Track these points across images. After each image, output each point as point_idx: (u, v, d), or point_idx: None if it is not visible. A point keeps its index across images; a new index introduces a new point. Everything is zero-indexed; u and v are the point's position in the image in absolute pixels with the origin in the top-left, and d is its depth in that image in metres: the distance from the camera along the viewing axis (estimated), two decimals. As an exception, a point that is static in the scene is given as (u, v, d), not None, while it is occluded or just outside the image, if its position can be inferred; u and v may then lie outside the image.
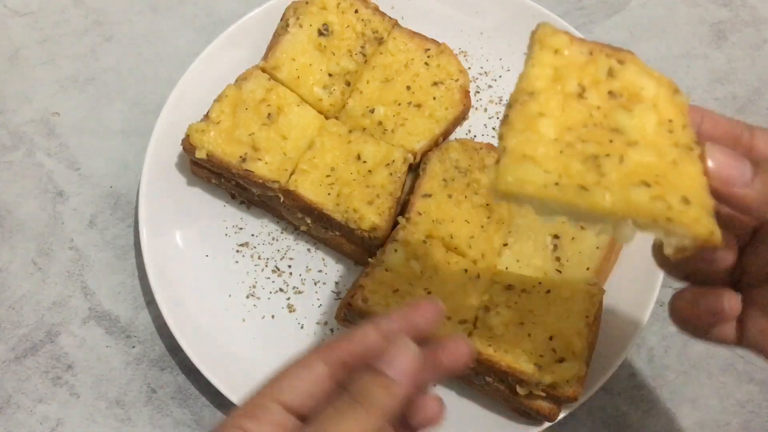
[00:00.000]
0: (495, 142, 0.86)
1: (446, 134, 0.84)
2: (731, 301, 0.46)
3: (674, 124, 0.45)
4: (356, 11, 0.85)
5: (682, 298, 0.49)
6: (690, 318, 0.49)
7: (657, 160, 0.43)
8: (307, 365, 0.45)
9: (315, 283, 0.80)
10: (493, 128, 0.87)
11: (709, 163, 0.43)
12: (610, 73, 0.47)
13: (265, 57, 0.83)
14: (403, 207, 0.79)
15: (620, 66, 0.49)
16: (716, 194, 0.43)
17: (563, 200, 0.41)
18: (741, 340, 0.49)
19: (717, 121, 0.47)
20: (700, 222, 0.41)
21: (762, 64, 0.95)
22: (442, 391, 0.74)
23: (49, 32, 0.96)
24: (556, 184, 0.41)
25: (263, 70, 0.82)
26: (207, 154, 0.77)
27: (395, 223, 0.76)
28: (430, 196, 0.77)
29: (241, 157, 0.77)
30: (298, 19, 0.84)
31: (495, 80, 0.89)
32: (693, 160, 0.43)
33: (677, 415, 0.77)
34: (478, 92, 0.89)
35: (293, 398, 0.44)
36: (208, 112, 0.79)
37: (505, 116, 0.44)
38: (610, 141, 0.43)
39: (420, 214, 0.76)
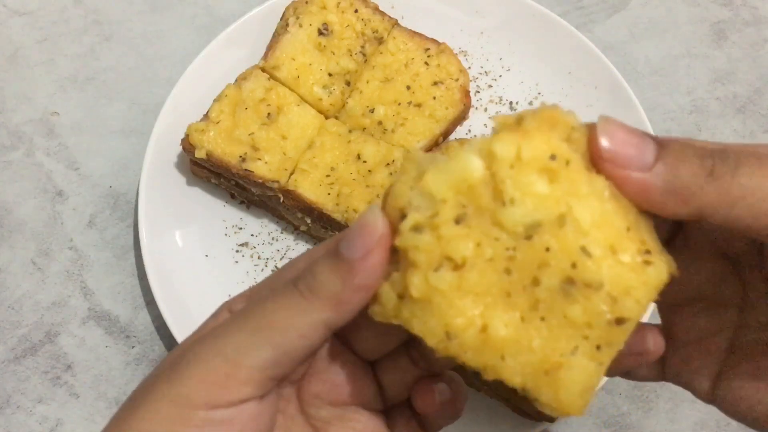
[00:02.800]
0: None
1: (446, 134, 0.84)
2: (656, 340, 0.40)
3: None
4: (356, 11, 0.85)
5: None
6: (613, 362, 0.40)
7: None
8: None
9: (315, 283, 0.79)
10: (493, 128, 0.87)
11: (602, 141, 0.34)
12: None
13: (265, 56, 0.83)
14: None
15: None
16: (611, 178, 0.34)
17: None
18: (663, 375, 0.44)
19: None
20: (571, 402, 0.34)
21: (763, 64, 0.95)
22: (442, 391, 0.74)
23: (48, 32, 0.95)
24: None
25: (263, 70, 0.82)
26: (206, 154, 0.76)
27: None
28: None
29: (240, 156, 0.77)
30: (297, 18, 0.83)
31: (495, 80, 0.89)
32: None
33: (677, 415, 0.77)
34: (479, 92, 0.89)
35: None
36: (207, 112, 0.79)
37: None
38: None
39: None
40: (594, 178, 0.33)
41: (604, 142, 0.34)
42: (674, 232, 0.42)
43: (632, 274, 0.32)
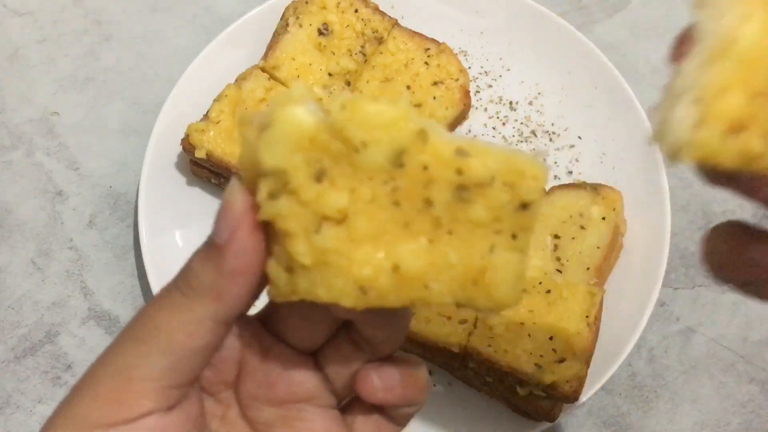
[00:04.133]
0: (495, 141, 0.85)
1: (446, 134, 0.84)
2: None
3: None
4: (356, 11, 0.85)
5: (719, 239, 0.36)
6: (729, 267, 0.36)
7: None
8: None
9: (315, 283, 0.79)
10: (493, 128, 0.87)
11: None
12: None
13: (265, 56, 0.83)
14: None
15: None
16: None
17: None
18: None
19: None
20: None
21: (762, 64, 0.95)
22: (441, 391, 0.74)
23: (48, 32, 0.95)
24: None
25: (263, 70, 0.82)
26: (206, 154, 0.76)
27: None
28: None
29: (240, 156, 0.77)
30: (297, 18, 0.83)
31: (495, 80, 0.89)
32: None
33: (677, 415, 0.77)
34: (478, 92, 0.89)
35: None
36: (207, 112, 0.78)
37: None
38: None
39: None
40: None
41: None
42: None
43: (517, 156, 0.31)
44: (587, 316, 0.69)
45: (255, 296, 0.35)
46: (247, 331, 0.38)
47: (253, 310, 0.38)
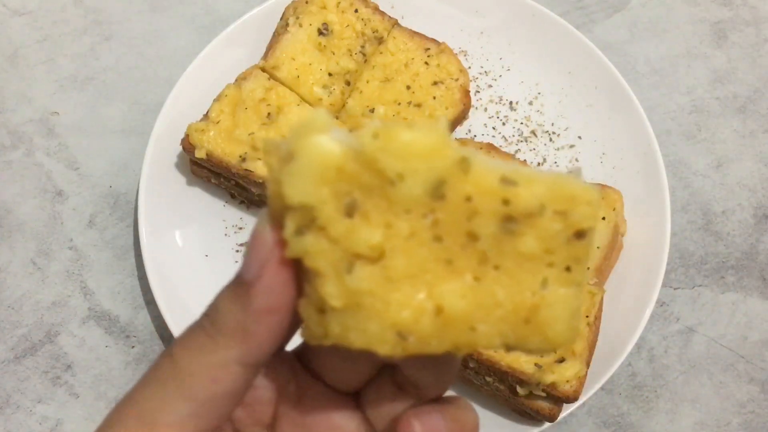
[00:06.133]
0: (495, 141, 0.85)
1: (446, 134, 0.84)
2: None
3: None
4: (356, 10, 0.85)
5: None
6: None
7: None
8: None
9: (315, 283, 0.79)
10: (493, 128, 0.87)
11: None
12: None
13: (265, 56, 0.83)
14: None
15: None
16: None
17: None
18: None
19: None
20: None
21: (762, 64, 0.95)
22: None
23: (48, 32, 0.95)
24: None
25: (263, 70, 0.82)
26: (206, 154, 0.76)
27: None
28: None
29: (240, 156, 0.77)
30: (297, 18, 0.83)
31: (495, 80, 0.89)
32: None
33: (677, 415, 0.77)
34: (478, 92, 0.89)
35: None
36: (207, 112, 0.78)
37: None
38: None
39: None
40: None
41: None
42: None
43: (567, 181, 0.29)
44: (587, 316, 0.69)
45: (287, 337, 0.33)
46: (283, 368, 0.36)
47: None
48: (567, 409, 0.70)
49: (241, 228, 0.82)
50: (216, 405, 0.31)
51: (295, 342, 0.35)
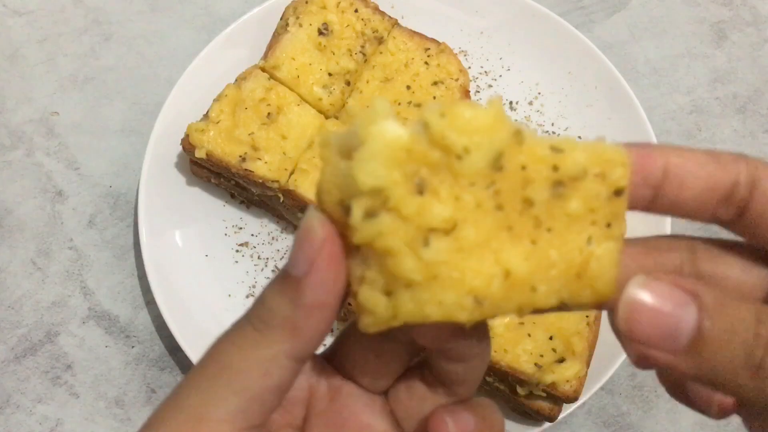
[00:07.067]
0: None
1: (446, 134, 0.84)
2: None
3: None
4: (356, 10, 0.85)
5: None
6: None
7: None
8: None
9: (315, 283, 0.79)
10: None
11: (622, 324, 0.30)
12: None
13: (265, 56, 0.83)
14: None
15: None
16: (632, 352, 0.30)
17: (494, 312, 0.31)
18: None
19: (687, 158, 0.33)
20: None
21: (763, 64, 0.95)
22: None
23: (48, 31, 0.95)
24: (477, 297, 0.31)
25: (263, 70, 0.82)
26: (206, 154, 0.76)
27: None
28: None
29: (240, 156, 0.77)
30: (297, 18, 0.83)
31: (495, 80, 0.89)
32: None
33: (677, 415, 0.77)
34: (478, 92, 0.89)
35: None
36: (207, 112, 0.78)
37: None
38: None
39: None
40: None
41: (625, 325, 0.29)
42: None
43: (603, 146, 0.32)
44: (587, 316, 0.69)
45: (329, 332, 0.33)
46: (314, 370, 0.36)
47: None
48: (567, 409, 0.70)
49: (241, 228, 0.82)
50: (265, 399, 0.32)
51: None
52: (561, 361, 0.66)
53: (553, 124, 0.87)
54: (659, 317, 0.29)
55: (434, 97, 0.82)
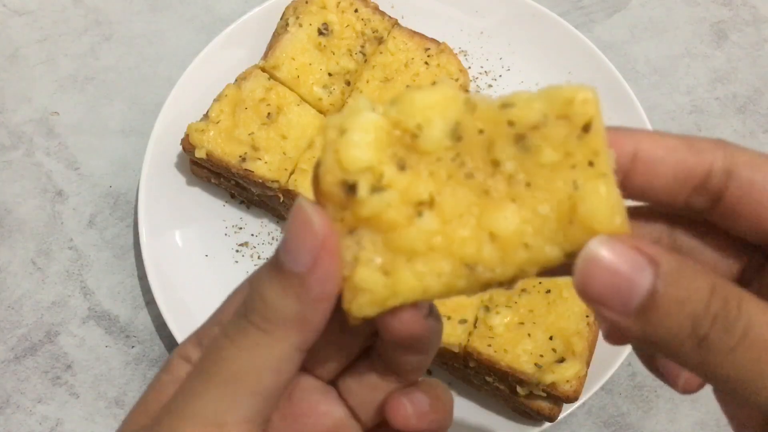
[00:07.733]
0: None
1: (446, 134, 0.84)
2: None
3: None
4: (356, 10, 0.85)
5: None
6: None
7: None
8: None
9: (315, 283, 0.79)
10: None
11: (579, 282, 0.29)
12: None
13: (265, 56, 0.83)
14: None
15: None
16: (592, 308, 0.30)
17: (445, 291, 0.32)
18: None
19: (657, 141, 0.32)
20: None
21: (762, 64, 0.95)
22: (442, 391, 0.74)
23: (48, 31, 0.95)
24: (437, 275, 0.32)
25: (263, 70, 0.82)
26: (206, 154, 0.76)
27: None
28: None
29: (240, 156, 0.77)
30: (297, 18, 0.83)
31: (495, 80, 0.89)
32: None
33: (677, 415, 0.77)
34: (478, 92, 0.89)
35: None
36: (207, 112, 0.78)
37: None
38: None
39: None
40: None
41: (580, 280, 0.29)
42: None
43: (558, 89, 0.32)
44: (587, 316, 0.69)
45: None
46: None
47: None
48: (567, 409, 0.70)
49: (241, 228, 0.82)
50: (277, 396, 0.32)
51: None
52: (561, 361, 0.66)
53: (553, 124, 0.87)
54: (614, 277, 0.29)
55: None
